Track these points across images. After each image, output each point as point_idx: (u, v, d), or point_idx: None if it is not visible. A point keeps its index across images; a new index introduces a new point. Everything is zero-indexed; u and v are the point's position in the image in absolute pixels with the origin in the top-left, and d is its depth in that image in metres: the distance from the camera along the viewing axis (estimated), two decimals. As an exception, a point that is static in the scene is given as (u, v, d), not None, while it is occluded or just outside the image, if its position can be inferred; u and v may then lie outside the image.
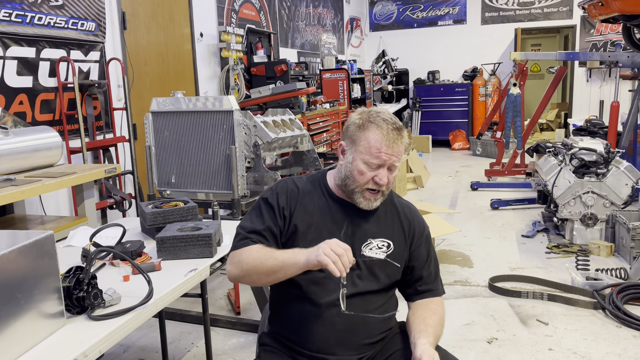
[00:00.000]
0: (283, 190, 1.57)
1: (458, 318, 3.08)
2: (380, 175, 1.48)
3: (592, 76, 9.91)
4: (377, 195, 1.52)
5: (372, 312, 1.54)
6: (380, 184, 1.48)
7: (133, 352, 2.85)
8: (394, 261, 1.57)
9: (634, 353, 2.62)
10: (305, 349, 1.52)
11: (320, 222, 1.54)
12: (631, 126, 5.19)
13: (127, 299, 1.52)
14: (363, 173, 1.48)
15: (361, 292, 1.52)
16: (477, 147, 9.05)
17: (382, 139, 1.46)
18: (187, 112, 3.17)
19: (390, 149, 1.46)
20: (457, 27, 10.63)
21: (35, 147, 2.83)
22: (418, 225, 1.64)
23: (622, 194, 4.13)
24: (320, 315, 1.50)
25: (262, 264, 1.43)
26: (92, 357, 1.29)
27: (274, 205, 1.54)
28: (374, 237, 1.56)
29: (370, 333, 1.54)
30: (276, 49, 7.06)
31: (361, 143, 1.48)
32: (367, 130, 1.48)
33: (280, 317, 1.60)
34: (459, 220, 5.09)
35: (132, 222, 2.45)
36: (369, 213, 1.57)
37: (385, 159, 1.47)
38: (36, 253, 1.31)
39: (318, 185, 1.61)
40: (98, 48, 3.96)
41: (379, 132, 1.47)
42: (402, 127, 1.52)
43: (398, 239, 1.60)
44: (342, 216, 1.56)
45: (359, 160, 1.49)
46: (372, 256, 1.55)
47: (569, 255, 4.00)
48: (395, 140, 1.47)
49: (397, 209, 1.64)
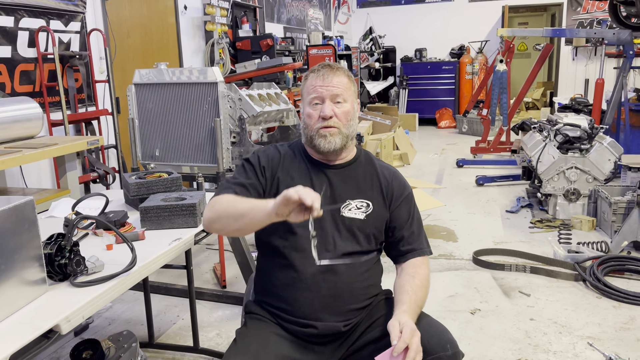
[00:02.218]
0: (264, 153, 1.64)
1: (442, 290, 3.12)
2: (323, 109, 1.53)
3: (578, 54, 9.94)
4: (332, 130, 1.54)
5: (357, 279, 1.54)
6: (325, 115, 1.53)
7: (118, 324, 2.85)
8: (374, 220, 1.58)
9: (613, 323, 2.68)
10: (291, 315, 1.52)
11: (298, 183, 1.54)
12: (615, 103, 5.23)
13: (111, 267, 1.50)
14: (310, 115, 1.56)
15: (343, 253, 1.53)
16: (463, 125, 9.08)
17: (316, 76, 1.57)
18: (170, 84, 3.11)
19: (324, 81, 1.54)
20: (444, 5, 10.56)
21: (14, 117, 2.77)
22: (398, 185, 1.65)
23: (604, 170, 4.18)
24: (304, 281, 1.51)
25: (232, 206, 1.45)
26: (75, 322, 1.28)
27: (255, 164, 1.60)
28: (352, 198, 1.58)
29: (355, 299, 1.54)
30: (262, 23, 6.95)
31: (304, 92, 1.60)
32: (306, 79, 1.60)
33: (266, 286, 1.60)
34: (445, 196, 5.13)
35: (115, 194, 2.42)
36: (347, 174, 1.60)
37: (322, 91, 1.54)
38: (16, 219, 1.29)
39: (297, 150, 1.65)
40: (79, 18, 3.86)
41: (312, 74, 1.59)
42: (337, 65, 1.59)
43: (377, 199, 1.61)
44: (321, 178, 1.59)
45: (306, 107, 1.58)
46: (351, 216, 1.56)
47: (551, 230, 4.05)
48: (327, 74, 1.55)
49: (376, 170, 1.66)
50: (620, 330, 2.60)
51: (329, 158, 1.60)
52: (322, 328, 1.50)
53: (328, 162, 1.61)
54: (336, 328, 1.52)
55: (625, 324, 2.66)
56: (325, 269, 1.50)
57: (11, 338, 1.16)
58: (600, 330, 2.61)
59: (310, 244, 1.36)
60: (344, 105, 1.56)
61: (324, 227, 1.54)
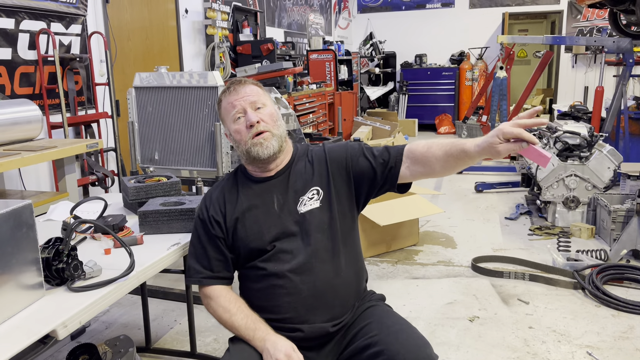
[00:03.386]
0: (209, 201, 1.64)
1: (440, 297, 3.11)
2: (248, 116, 1.55)
3: (578, 62, 9.97)
4: (265, 134, 1.55)
5: (335, 274, 1.54)
6: (252, 122, 1.54)
7: (115, 328, 2.83)
8: (331, 201, 1.57)
9: (612, 331, 2.67)
10: (278, 321, 1.52)
11: (250, 206, 1.58)
12: (615, 111, 5.24)
13: (108, 272, 1.49)
14: (239, 130, 1.57)
15: (324, 257, 1.53)
16: (462, 131, 9.08)
17: (228, 94, 1.60)
18: (171, 88, 3.11)
19: (237, 94, 1.58)
20: (445, 11, 10.58)
21: (14, 120, 2.77)
22: (333, 154, 1.62)
23: (604, 177, 4.18)
24: (284, 286, 1.51)
25: (228, 323, 1.56)
26: (72, 327, 1.27)
27: (205, 219, 1.62)
28: (302, 193, 1.58)
29: (337, 293, 1.54)
30: (262, 28, 6.96)
31: (223, 114, 1.62)
32: (220, 102, 1.63)
33: (248, 298, 1.61)
34: (444, 202, 5.12)
35: (114, 198, 2.41)
36: (290, 176, 1.61)
37: (240, 102, 1.57)
38: (14, 222, 1.28)
39: (239, 175, 1.66)
40: (79, 21, 3.86)
41: (224, 94, 1.62)
42: (244, 78, 1.65)
43: (323, 181, 1.59)
44: (270, 192, 1.60)
45: (230, 125, 1.59)
46: (308, 209, 1.56)
47: (550, 237, 4.05)
48: (237, 88, 1.59)
49: (310, 157, 1.65)
50: (619, 340, 2.59)
51: (269, 166, 1.60)
52: (308, 331, 1.50)
53: (269, 173, 1.61)
54: (324, 329, 1.51)
55: (624, 333, 2.65)
56: (301, 271, 1.51)
57: (7, 343, 1.15)
58: (599, 339, 2.60)
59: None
60: (265, 109, 1.58)
61: (292, 238, 1.55)
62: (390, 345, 1.43)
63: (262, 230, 1.55)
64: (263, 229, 1.55)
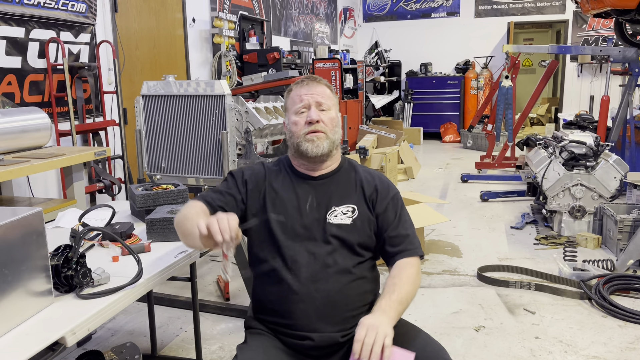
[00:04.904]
0: (249, 168, 1.68)
1: (446, 306, 3.10)
2: (310, 114, 1.57)
3: (583, 71, 9.96)
4: (318, 134, 1.57)
5: (351, 286, 1.54)
6: (312, 119, 1.56)
7: (121, 336, 2.84)
8: (362, 224, 1.58)
9: (618, 342, 2.66)
10: (288, 328, 1.52)
11: (284, 198, 1.59)
12: (621, 120, 5.23)
13: (116, 279, 1.51)
14: (296, 122, 1.59)
15: (340, 269, 1.53)
16: (467, 139, 9.08)
17: (299, 87, 1.62)
18: (178, 96, 3.14)
19: (308, 89, 1.59)
20: (450, 20, 10.62)
21: (23, 128, 2.80)
22: (381, 188, 1.64)
23: (610, 187, 4.17)
24: (298, 292, 1.51)
25: (184, 223, 1.50)
26: (81, 334, 1.28)
27: (237, 176, 1.64)
28: (337, 204, 1.59)
29: (350, 305, 1.53)
30: (269, 36, 7.01)
31: (288, 104, 1.64)
32: (290, 92, 1.65)
33: (262, 301, 1.61)
34: (449, 211, 5.12)
35: (121, 205, 2.43)
36: (331, 183, 1.62)
37: (307, 98, 1.58)
38: (24, 230, 1.30)
39: (283, 166, 1.68)
40: (88, 30, 3.91)
41: (295, 85, 1.64)
42: (320, 77, 1.65)
43: (361, 203, 1.61)
44: (306, 190, 1.61)
45: (291, 116, 1.62)
46: (337, 222, 1.56)
47: (556, 247, 4.03)
48: (310, 84, 1.61)
49: (359, 175, 1.66)
50: (626, 350, 2.58)
51: (315, 168, 1.62)
52: (318, 339, 1.50)
53: (312, 173, 1.63)
54: (333, 339, 1.51)
55: (631, 344, 2.64)
56: (317, 279, 1.50)
57: (17, 350, 1.16)
58: (605, 350, 2.59)
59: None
60: (329, 112, 1.60)
61: (313, 243, 1.54)
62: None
63: (286, 222, 1.56)
64: (287, 221, 1.56)
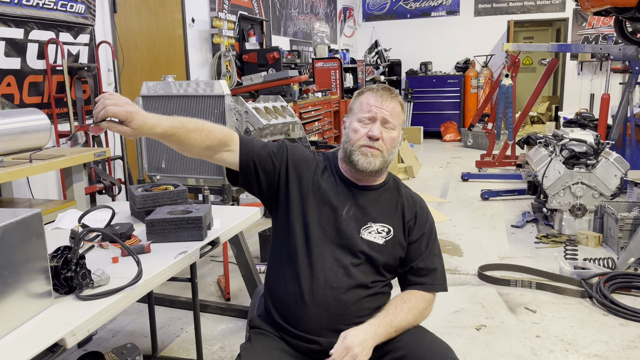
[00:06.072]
0: (301, 149, 1.62)
1: (447, 305, 3.09)
2: (372, 129, 1.52)
3: (583, 69, 9.95)
4: (374, 151, 1.52)
5: (366, 299, 1.53)
6: (373, 136, 1.51)
7: (122, 336, 2.84)
8: (393, 247, 1.56)
9: (620, 341, 2.65)
10: (297, 329, 1.51)
11: (325, 195, 1.56)
12: (621, 118, 5.22)
13: (116, 280, 1.50)
14: (357, 130, 1.54)
15: (361, 283, 1.52)
16: (468, 138, 9.08)
17: (372, 95, 1.55)
18: (178, 97, 3.14)
19: (380, 102, 1.53)
20: (450, 19, 10.61)
21: (23, 129, 2.79)
22: (420, 217, 1.62)
23: (611, 185, 4.16)
24: (314, 295, 1.50)
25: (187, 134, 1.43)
26: (80, 336, 1.27)
27: (290, 152, 1.58)
28: (374, 221, 1.56)
29: (363, 319, 1.51)
30: (268, 36, 7.01)
31: (355, 106, 1.58)
32: (361, 95, 1.58)
33: (275, 296, 1.59)
34: (450, 210, 5.11)
35: (121, 206, 2.43)
36: (372, 197, 1.58)
37: (376, 111, 1.52)
38: (23, 231, 1.29)
39: (329, 163, 1.64)
40: (88, 31, 3.90)
41: (369, 92, 1.57)
42: (396, 91, 1.58)
43: (398, 226, 1.58)
44: (347, 196, 1.57)
45: (354, 121, 1.56)
46: (370, 239, 1.54)
47: (557, 245, 4.03)
48: (384, 96, 1.54)
49: (402, 198, 1.63)
50: (628, 349, 2.58)
51: (361, 179, 1.58)
52: (326, 345, 1.49)
53: (357, 182, 1.59)
54: None
55: (632, 342, 2.63)
56: (335, 286, 1.49)
57: (17, 352, 1.16)
58: (607, 349, 2.58)
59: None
60: (392, 132, 1.55)
61: (341, 250, 1.53)
62: (415, 349, 1.43)
63: (321, 220, 1.53)
64: (322, 219, 1.54)
